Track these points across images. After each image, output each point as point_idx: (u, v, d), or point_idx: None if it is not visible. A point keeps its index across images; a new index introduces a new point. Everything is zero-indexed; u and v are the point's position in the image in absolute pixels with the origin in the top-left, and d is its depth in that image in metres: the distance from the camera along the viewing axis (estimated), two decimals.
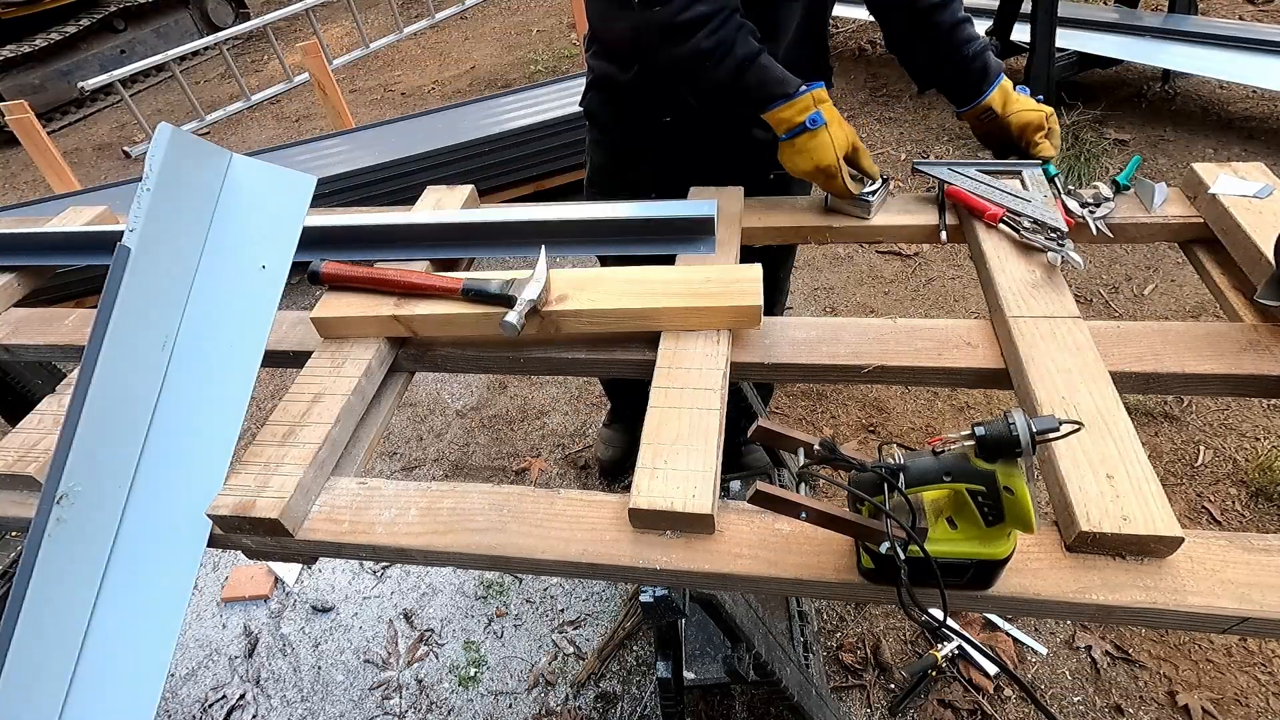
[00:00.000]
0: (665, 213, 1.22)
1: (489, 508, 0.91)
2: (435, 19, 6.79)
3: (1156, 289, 2.85)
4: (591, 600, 2.13)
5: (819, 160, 1.21)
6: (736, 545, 0.84)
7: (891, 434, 2.46)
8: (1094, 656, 1.82)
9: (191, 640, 2.19)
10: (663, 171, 1.49)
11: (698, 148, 1.48)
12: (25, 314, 1.39)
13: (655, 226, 1.23)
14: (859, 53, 4.97)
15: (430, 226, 1.29)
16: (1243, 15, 4.48)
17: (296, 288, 3.28)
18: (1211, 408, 2.37)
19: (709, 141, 1.46)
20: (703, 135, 1.45)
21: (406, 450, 2.70)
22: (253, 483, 0.93)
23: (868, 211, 1.29)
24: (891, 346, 1.05)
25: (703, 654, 1.63)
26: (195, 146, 1.12)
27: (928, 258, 3.18)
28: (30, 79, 6.29)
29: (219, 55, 6.37)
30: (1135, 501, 0.78)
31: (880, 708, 1.80)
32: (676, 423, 0.93)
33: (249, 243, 1.14)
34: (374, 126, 4.00)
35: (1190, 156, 3.40)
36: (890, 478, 0.68)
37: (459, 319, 1.09)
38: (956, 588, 0.75)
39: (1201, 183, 1.22)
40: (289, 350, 1.19)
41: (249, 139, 5.56)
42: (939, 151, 3.81)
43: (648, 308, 1.05)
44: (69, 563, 0.89)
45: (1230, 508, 2.09)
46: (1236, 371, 0.96)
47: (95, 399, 0.93)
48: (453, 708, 1.94)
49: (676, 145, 1.49)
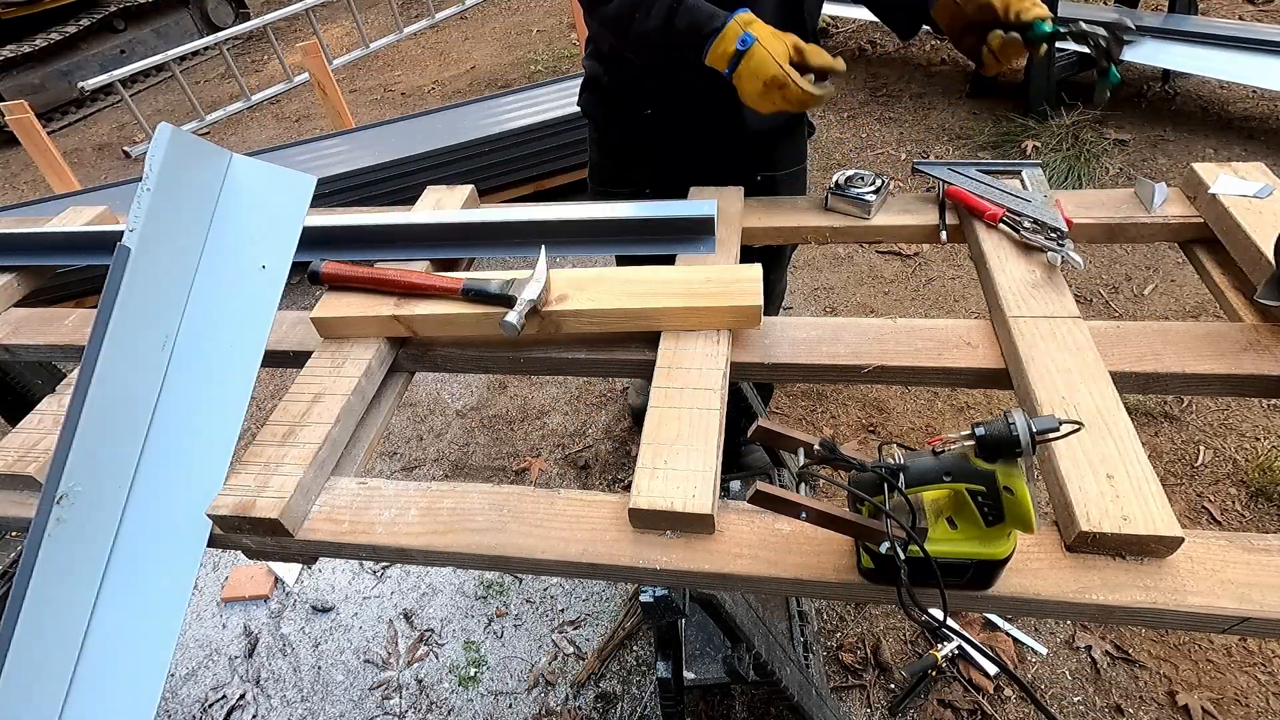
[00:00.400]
0: (665, 213, 1.22)
1: (489, 508, 0.91)
2: (435, 19, 6.79)
3: (1156, 289, 2.85)
4: (591, 600, 2.13)
5: (763, 75, 1.14)
6: (736, 545, 0.84)
7: (891, 434, 2.46)
8: (1094, 656, 1.82)
9: (191, 640, 2.19)
10: (657, 169, 1.49)
11: (686, 144, 1.47)
12: (25, 314, 1.39)
13: (655, 226, 1.23)
14: (859, 53, 4.97)
15: (430, 227, 1.29)
16: (1243, 15, 4.48)
17: (296, 288, 3.28)
18: (1211, 408, 2.37)
19: (694, 136, 1.46)
20: (688, 130, 1.45)
21: (406, 450, 2.70)
22: (253, 483, 0.93)
23: (867, 211, 1.29)
24: (891, 346, 1.05)
25: (703, 654, 1.63)
26: (195, 146, 1.12)
27: (928, 258, 3.18)
28: (30, 79, 6.29)
29: (219, 55, 6.37)
30: (1135, 501, 0.78)
31: (880, 708, 1.80)
32: (676, 423, 0.93)
33: (249, 243, 1.14)
34: (374, 126, 4.00)
35: (1190, 156, 3.40)
36: (890, 478, 0.68)
37: (459, 319, 1.09)
38: (956, 588, 0.75)
39: (1201, 183, 1.22)
40: (289, 350, 1.19)
41: (249, 139, 5.56)
42: (939, 151, 3.81)
43: (648, 308, 1.05)
44: (69, 563, 0.89)
45: (1230, 508, 2.09)
46: (1236, 371, 0.96)
47: (95, 399, 0.93)
48: (453, 708, 1.94)
49: (666, 141, 1.49)
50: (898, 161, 3.81)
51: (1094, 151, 3.44)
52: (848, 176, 1.33)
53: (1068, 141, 3.49)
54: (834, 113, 4.31)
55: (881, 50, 4.96)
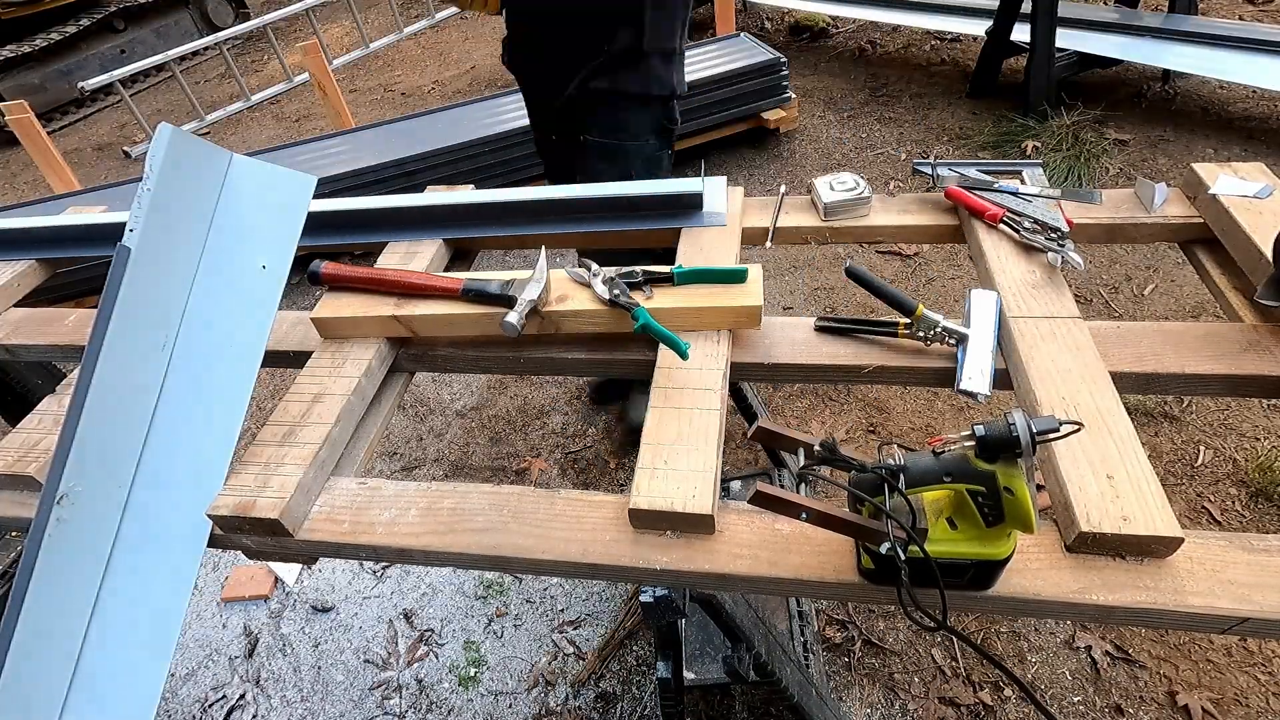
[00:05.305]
0: (649, 190, 1.30)
1: (489, 508, 0.91)
2: (435, 19, 6.78)
3: (1156, 289, 2.84)
4: (591, 600, 2.13)
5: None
6: (736, 546, 0.84)
7: (892, 434, 2.46)
8: (1094, 656, 1.82)
9: (191, 640, 2.19)
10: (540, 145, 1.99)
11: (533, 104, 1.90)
12: (25, 314, 1.39)
13: (641, 203, 1.30)
14: (859, 53, 4.97)
15: (426, 209, 1.37)
16: (1243, 15, 4.48)
17: (296, 288, 3.29)
18: (1211, 408, 2.37)
19: (533, 97, 1.87)
20: (529, 92, 1.87)
21: (406, 450, 2.70)
22: (253, 483, 0.93)
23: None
24: (892, 346, 1.05)
25: (703, 654, 1.63)
26: (195, 146, 1.12)
27: (928, 258, 3.18)
28: (30, 79, 6.28)
29: (219, 55, 6.37)
30: (1135, 502, 0.78)
31: (880, 707, 1.80)
32: (676, 423, 0.93)
33: (249, 243, 1.14)
34: (374, 126, 4.00)
35: (1190, 156, 3.40)
36: (890, 478, 0.68)
37: (459, 319, 1.09)
38: (956, 588, 0.75)
39: (1201, 183, 1.22)
40: (289, 350, 1.19)
41: (249, 139, 5.56)
42: (939, 151, 3.81)
43: (648, 308, 1.05)
44: (69, 563, 0.89)
45: (1230, 508, 2.09)
46: (1236, 372, 0.96)
47: (95, 399, 0.93)
48: (453, 708, 1.94)
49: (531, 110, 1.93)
50: (898, 161, 3.81)
51: (1094, 151, 3.44)
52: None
53: (1068, 141, 3.49)
54: (834, 112, 4.31)
55: (881, 50, 4.96)
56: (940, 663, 1.86)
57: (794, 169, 3.93)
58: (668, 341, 0.96)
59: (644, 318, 0.99)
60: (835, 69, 4.83)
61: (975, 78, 4.16)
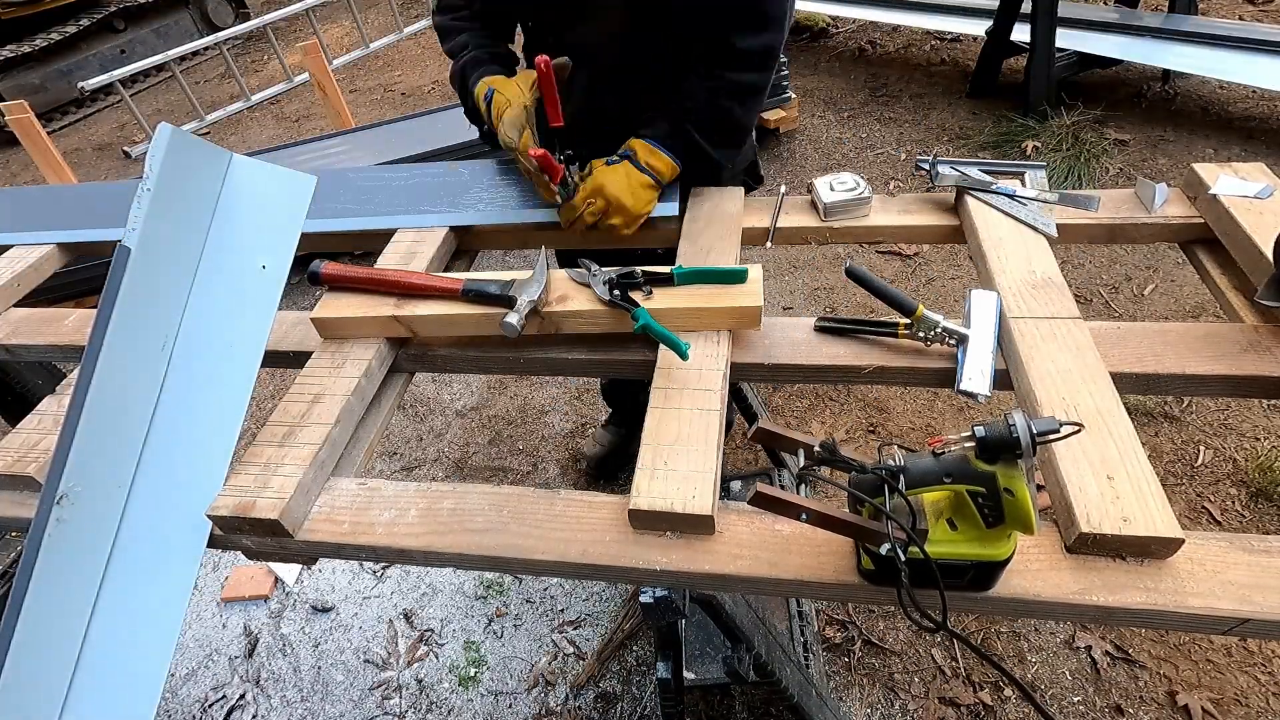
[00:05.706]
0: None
1: (489, 508, 0.91)
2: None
3: (1156, 289, 2.84)
4: (591, 600, 2.13)
5: (507, 145, 1.22)
6: (736, 546, 0.84)
7: (892, 434, 2.46)
8: (1094, 656, 1.82)
9: (191, 640, 2.19)
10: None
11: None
12: (25, 314, 1.38)
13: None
14: (859, 53, 4.97)
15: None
16: (1243, 15, 4.47)
17: (296, 288, 3.28)
18: (1211, 408, 2.37)
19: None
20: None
21: (406, 450, 2.70)
22: (253, 483, 0.93)
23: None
24: (892, 347, 1.05)
25: (703, 654, 1.63)
26: (195, 146, 1.12)
27: (928, 258, 3.18)
28: (30, 79, 6.28)
29: (219, 55, 6.36)
30: (1135, 503, 0.78)
31: (880, 707, 1.80)
32: (676, 423, 0.93)
33: (249, 243, 1.14)
34: (374, 126, 4.00)
35: (1190, 156, 3.40)
36: (890, 479, 0.68)
37: (459, 320, 1.09)
38: (957, 589, 0.75)
39: (1202, 183, 1.22)
40: (289, 350, 1.19)
41: (249, 139, 5.56)
42: (939, 151, 3.81)
43: (648, 308, 1.05)
44: (69, 563, 0.89)
45: (1230, 508, 2.09)
46: (1237, 372, 0.96)
47: (95, 399, 0.93)
48: (453, 708, 1.94)
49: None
50: (898, 161, 3.81)
51: (1094, 151, 3.44)
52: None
53: (1068, 141, 3.49)
54: (834, 112, 4.31)
55: (881, 50, 4.95)
56: (940, 663, 1.86)
57: (794, 169, 3.93)
58: (668, 342, 0.96)
59: (644, 318, 0.99)
60: (835, 69, 4.83)
61: (975, 78, 4.16)
